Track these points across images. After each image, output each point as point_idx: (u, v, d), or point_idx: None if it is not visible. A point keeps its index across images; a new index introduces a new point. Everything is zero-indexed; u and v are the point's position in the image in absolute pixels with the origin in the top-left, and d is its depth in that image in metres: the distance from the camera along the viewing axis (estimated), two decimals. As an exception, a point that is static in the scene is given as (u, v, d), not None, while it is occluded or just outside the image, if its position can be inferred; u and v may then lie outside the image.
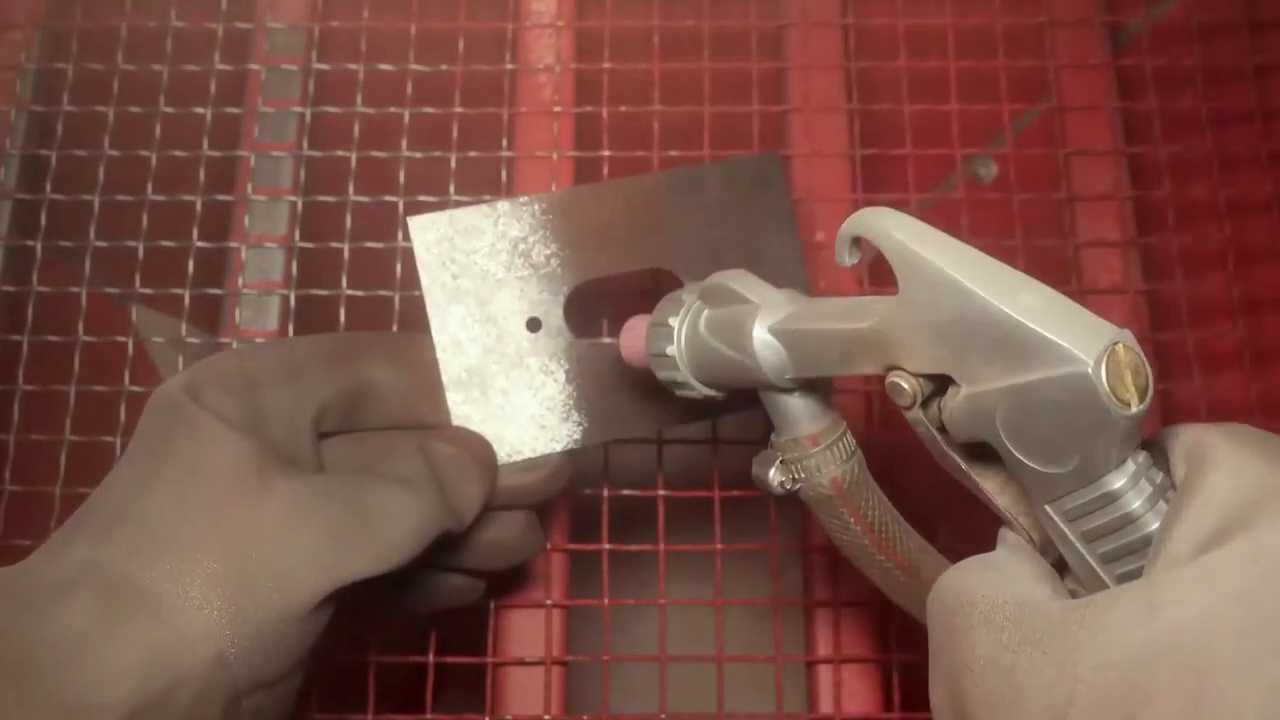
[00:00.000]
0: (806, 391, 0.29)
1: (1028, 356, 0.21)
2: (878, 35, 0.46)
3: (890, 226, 0.23)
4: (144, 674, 0.26)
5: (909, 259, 0.23)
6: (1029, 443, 0.22)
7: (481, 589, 0.37)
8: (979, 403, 0.22)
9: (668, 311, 0.31)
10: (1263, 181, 0.43)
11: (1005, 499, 0.25)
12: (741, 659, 0.39)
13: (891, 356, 0.24)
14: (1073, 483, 0.22)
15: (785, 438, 0.29)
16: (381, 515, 0.29)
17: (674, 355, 0.30)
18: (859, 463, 0.29)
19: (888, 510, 0.29)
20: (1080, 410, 0.21)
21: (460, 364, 0.35)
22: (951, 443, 0.25)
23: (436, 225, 0.36)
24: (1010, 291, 0.22)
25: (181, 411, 0.29)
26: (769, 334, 0.28)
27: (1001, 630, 0.22)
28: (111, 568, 0.27)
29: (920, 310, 0.23)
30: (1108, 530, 0.22)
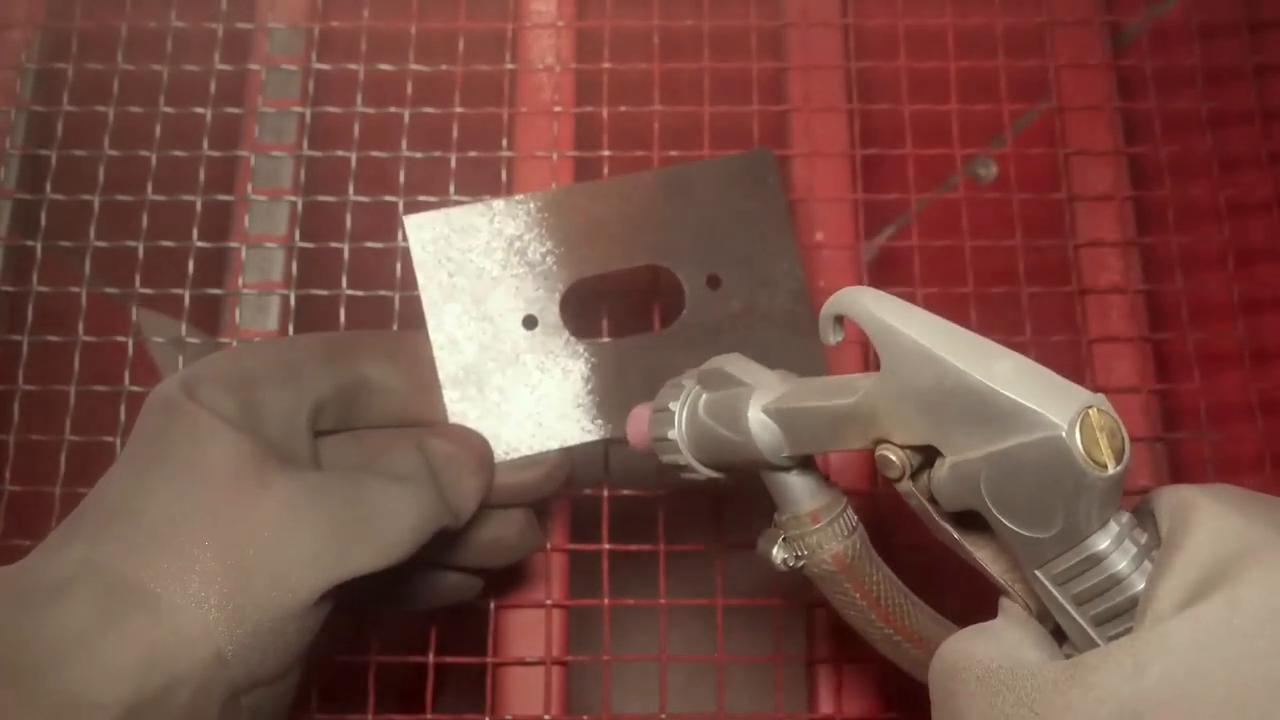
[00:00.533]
0: (804, 469, 0.29)
1: (1005, 423, 0.22)
2: (878, 35, 0.46)
3: (869, 305, 0.24)
4: (142, 672, 0.26)
5: (888, 335, 0.24)
6: (1013, 508, 0.23)
7: (479, 587, 0.37)
8: (963, 471, 0.23)
9: (668, 397, 0.31)
10: (1263, 181, 0.43)
11: (999, 567, 0.26)
12: (741, 659, 0.39)
13: (879, 430, 0.25)
14: (1058, 546, 0.23)
15: (787, 515, 0.30)
16: (379, 512, 0.29)
17: (675, 439, 0.31)
18: (861, 538, 0.30)
19: (892, 583, 0.30)
20: (1058, 473, 0.21)
21: (457, 362, 0.35)
22: (943, 513, 0.25)
23: (433, 224, 0.36)
24: (984, 361, 0.22)
25: (179, 409, 0.29)
26: (763, 414, 0.28)
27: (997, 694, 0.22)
28: (109, 566, 0.27)
29: (902, 383, 0.24)
30: (1096, 592, 0.23)
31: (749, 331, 0.37)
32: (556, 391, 0.36)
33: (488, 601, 0.40)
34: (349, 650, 0.39)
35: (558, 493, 0.41)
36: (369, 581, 0.29)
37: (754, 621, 0.41)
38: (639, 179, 0.37)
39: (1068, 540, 0.22)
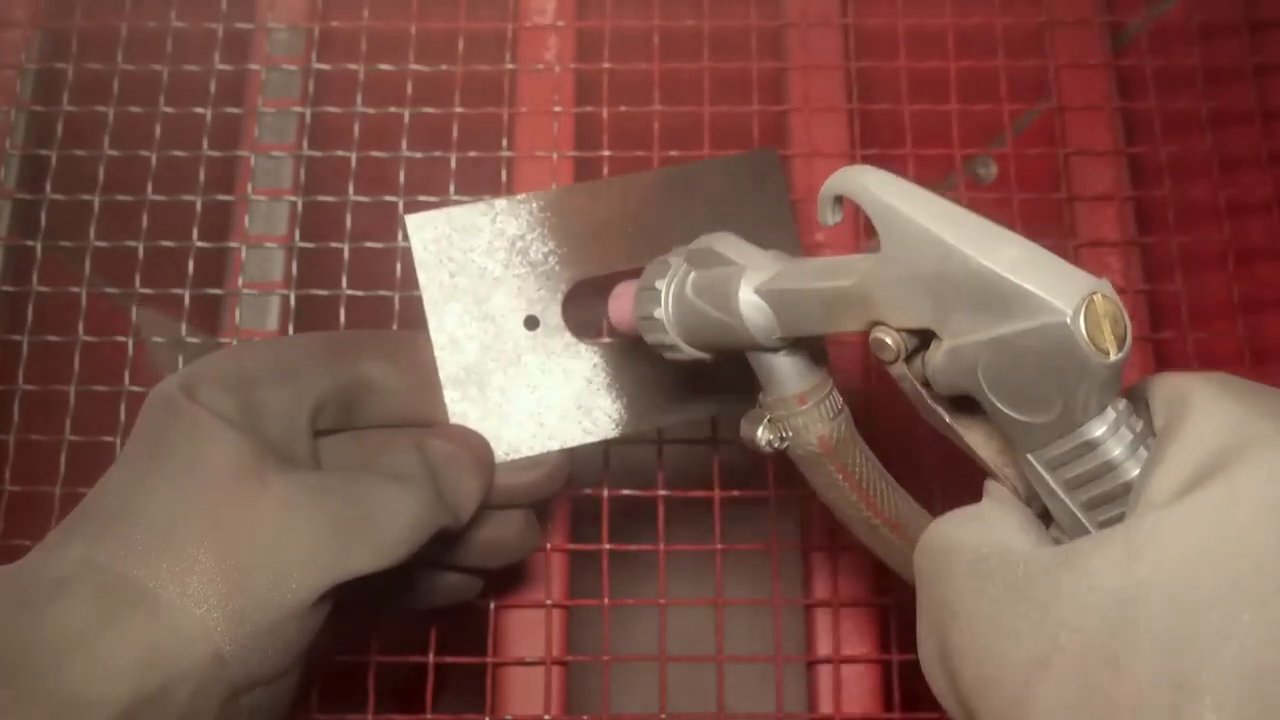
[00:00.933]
0: (793, 351, 0.29)
1: (1007, 308, 0.21)
2: (878, 35, 0.46)
3: (871, 183, 0.24)
4: (141, 671, 0.26)
5: (890, 215, 0.23)
6: (1010, 393, 0.22)
7: (479, 587, 0.37)
8: (961, 356, 0.23)
9: (654, 275, 0.31)
10: (1263, 181, 0.43)
11: (989, 451, 0.25)
12: (741, 659, 0.39)
13: (875, 313, 0.24)
14: (1054, 432, 0.22)
15: (773, 396, 0.29)
16: (379, 512, 0.29)
17: (661, 318, 0.30)
18: (846, 420, 0.29)
19: (875, 468, 0.30)
20: (1060, 359, 0.21)
21: (458, 362, 0.35)
22: (936, 397, 0.25)
23: (434, 223, 0.36)
24: (990, 245, 0.22)
25: (178, 409, 0.29)
26: (755, 295, 0.28)
27: (986, 578, 0.22)
28: (109, 566, 0.27)
29: (902, 265, 0.23)
30: (1089, 478, 0.22)
31: None
32: (558, 392, 0.36)
33: (488, 601, 0.40)
34: (349, 650, 0.39)
35: (558, 493, 0.41)
36: (369, 581, 0.29)
37: (754, 619, 0.41)
38: (642, 178, 0.37)
39: (1064, 426, 0.22)
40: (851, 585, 0.41)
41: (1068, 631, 0.20)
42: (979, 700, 0.22)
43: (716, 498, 0.41)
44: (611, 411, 0.36)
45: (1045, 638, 0.21)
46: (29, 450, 0.41)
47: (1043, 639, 0.21)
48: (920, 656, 0.25)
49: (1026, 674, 0.21)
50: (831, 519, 0.41)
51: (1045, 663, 0.21)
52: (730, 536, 0.41)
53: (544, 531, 0.40)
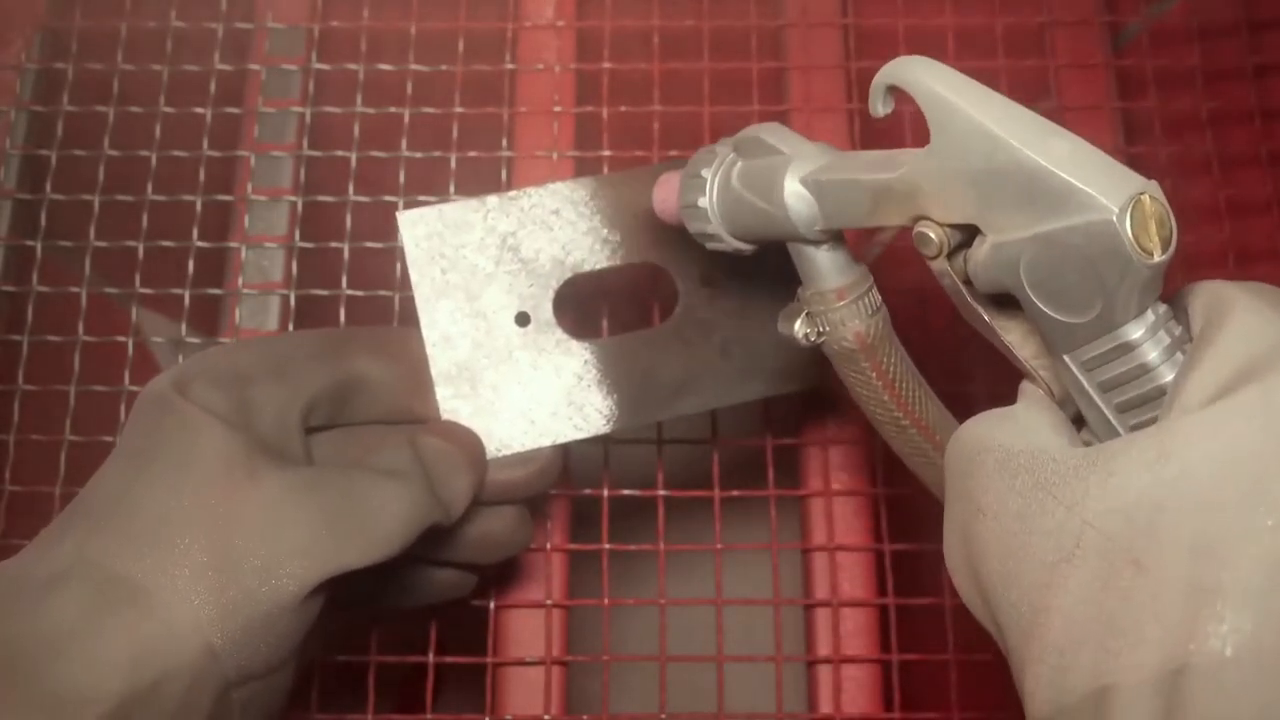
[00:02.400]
0: (834, 245, 0.29)
1: (1054, 204, 0.21)
2: (878, 35, 0.46)
3: (924, 74, 0.24)
4: (133, 666, 0.26)
5: (942, 106, 0.23)
6: (1051, 291, 0.22)
7: (474, 583, 0.37)
8: (1004, 252, 0.23)
9: (701, 163, 0.31)
10: (1263, 181, 0.43)
11: (1027, 351, 0.25)
12: (742, 659, 0.39)
13: (920, 206, 0.24)
14: (1092, 332, 0.22)
15: (811, 291, 0.29)
16: (370, 507, 0.29)
17: (705, 207, 0.30)
18: (884, 318, 0.29)
19: (909, 369, 0.30)
20: (1103, 258, 0.21)
21: (449, 359, 0.35)
22: (976, 294, 0.25)
23: (425, 220, 0.36)
24: (1041, 139, 0.22)
25: (170, 406, 0.29)
26: (800, 185, 0.28)
27: (1015, 476, 0.23)
28: (101, 561, 0.27)
29: (950, 158, 0.23)
30: (1123, 380, 0.22)
31: (743, 330, 0.37)
32: (549, 388, 0.36)
33: (488, 601, 0.40)
34: (349, 650, 0.39)
35: (558, 493, 0.41)
36: (362, 577, 0.29)
37: (754, 619, 0.41)
38: (635, 175, 0.37)
39: (1102, 326, 0.22)
40: (851, 585, 0.41)
41: (1093, 530, 0.21)
42: (1000, 593, 0.23)
43: (716, 498, 0.41)
44: (603, 407, 0.36)
45: (1070, 535, 0.21)
46: (29, 450, 0.41)
47: (1067, 536, 0.21)
48: (945, 551, 0.25)
49: (1049, 569, 0.21)
50: (832, 512, 0.41)
51: (1068, 559, 0.21)
52: (730, 536, 0.41)
53: (544, 531, 0.40)
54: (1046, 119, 0.23)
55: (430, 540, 0.33)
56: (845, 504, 0.41)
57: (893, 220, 0.25)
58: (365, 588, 0.34)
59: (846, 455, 0.42)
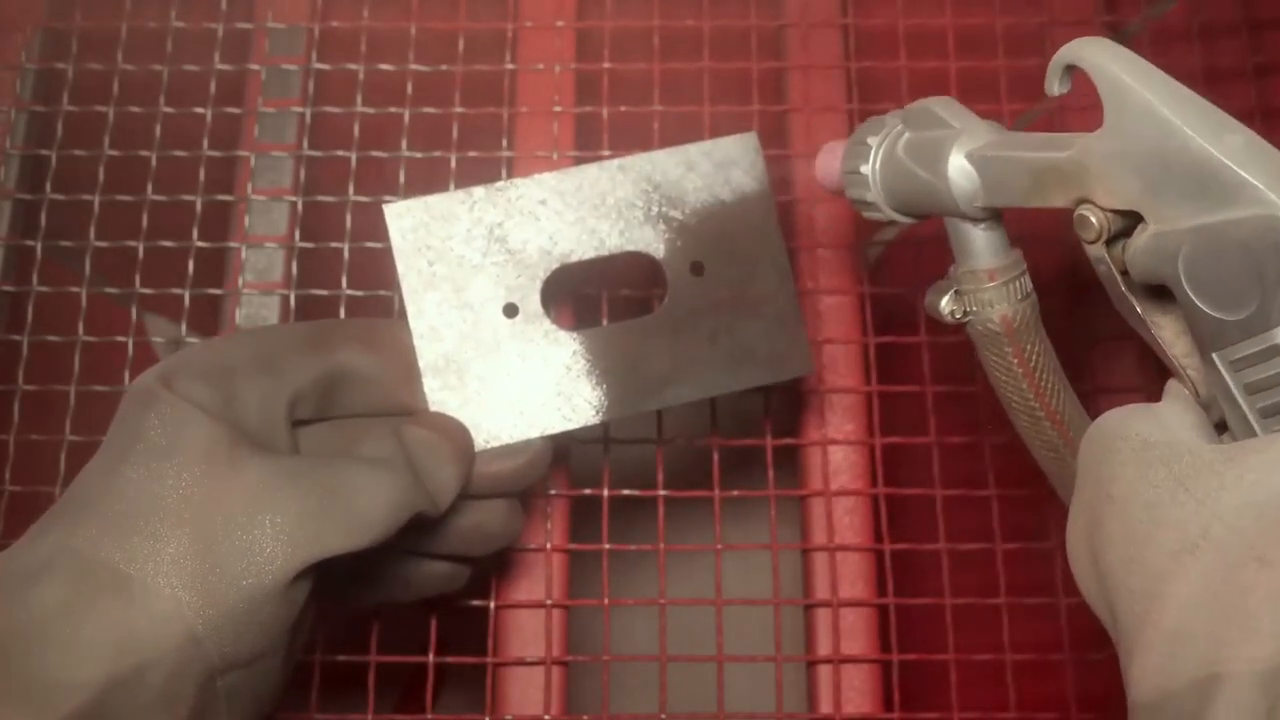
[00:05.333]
0: (993, 224, 0.29)
1: (1222, 196, 0.22)
2: (878, 35, 0.46)
3: (1103, 55, 0.24)
4: (114, 653, 0.26)
5: (1118, 89, 0.23)
6: (1207, 286, 0.22)
7: (466, 576, 0.37)
8: (1164, 241, 0.23)
9: (868, 131, 0.31)
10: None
11: (1177, 349, 0.25)
12: (742, 659, 0.39)
13: (1084, 189, 0.24)
14: (1244, 331, 0.22)
15: (964, 269, 0.29)
16: (354, 493, 0.29)
17: (867, 174, 0.30)
18: (1032, 305, 0.29)
19: (1052, 360, 0.29)
20: (1264, 255, 0.21)
21: (437, 350, 0.35)
22: (1131, 285, 0.25)
23: (412, 212, 0.36)
24: (1215, 131, 0.22)
25: (154, 398, 0.29)
26: (965, 160, 0.28)
27: (1149, 466, 0.23)
28: (83, 550, 0.27)
29: (1122, 141, 0.23)
30: (1271, 383, 0.22)
31: (733, 318, 0.37)
32: (537, 379, 0.36)
33: (488, 601, 0.40)
34: (349, 650, 0.39)
35: (558, 493, 0.41)
36: (350, 565, 0.29)
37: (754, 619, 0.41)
38: (622, 164, 0.37)
39: (1255, 326, 0.22)
40: (851, 585, 0.41)
41: (1220, 524, 0.21)
42: (1119, 579, 0.23)
43: (716, 498, 0.41)
44: (592, 398, 0.36)
45: (1197, 527, 0.21)
46: (29, 450, 0.41)
47: (1194, 528, 0.21)
48: (1067, 535, 0.25)
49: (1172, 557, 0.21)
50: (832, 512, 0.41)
51: (1192, 549, 0.21)
52: (730, 536, 0.41)
53: (544, 531, 0.40)
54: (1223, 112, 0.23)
55: (421, 533, 0.33)
56: (845, 504, 0.41)
57: (1055, 201, 0.25)
58: (357, 579, 0.34)
59: (846, 455, 0.42)
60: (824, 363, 0.43)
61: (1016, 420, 0.30)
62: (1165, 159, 0.22)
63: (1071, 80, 0.25)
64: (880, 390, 0.42)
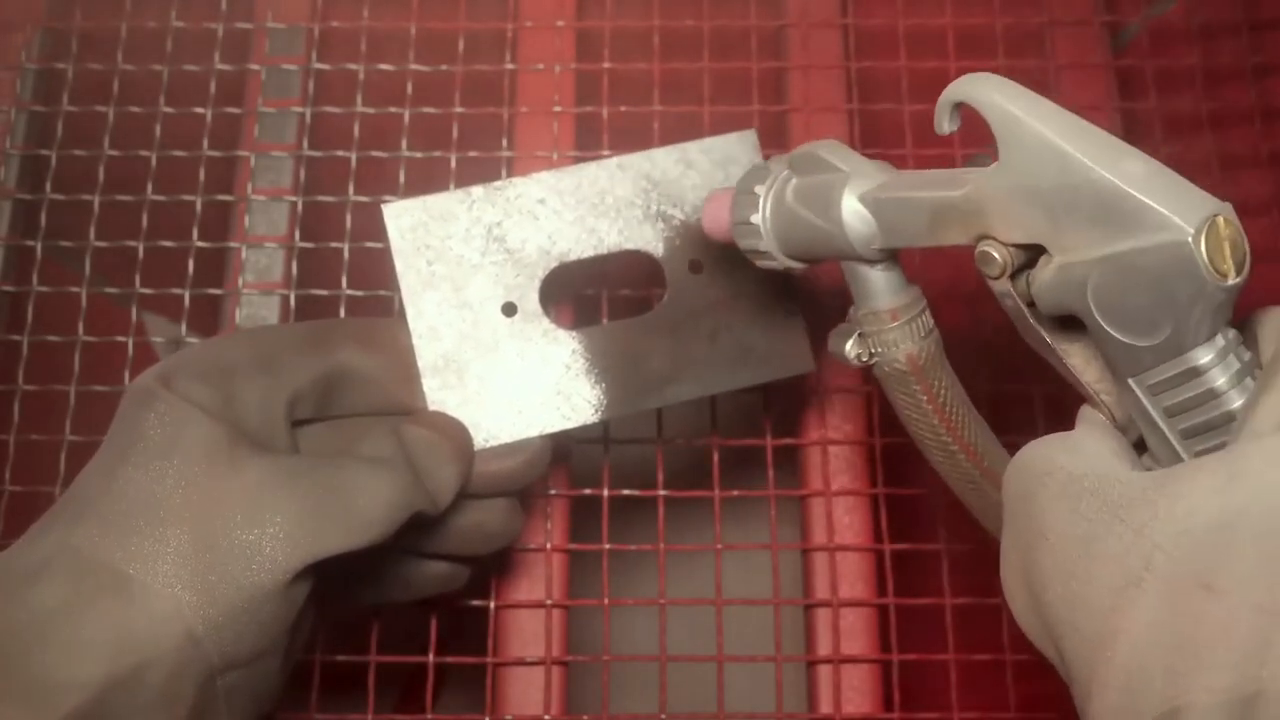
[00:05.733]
0: (890, 265, 0.29)
1: (1127, 224, 0.21)
2: (878, 35, 0.46)
3: (993, 90, 0.23)
4: (114, 652, 0.26)
5: (1011, 123, 0.23)
6: (1119, 314, 0.22)
7: (467, 576, 0.37)
8: (1071, 273, 0.23)
9: (754, 180, 0.31)
10: (1263, 181, 0.43)
11: (1089, 375, 0.25)
12: (742, 659, 0.39)
13: (984, 225, 0.24)
14: (1159, 356, 0.22)
15: (865, 311, 0.29)
16: (353, 492, 0.29)
17: (758, 224, 0.30)
18: (935, 342, 0.29)
19: (960, 394, 0.29)
20: (1176, 280, 0.21)
21: (436, 350, 0.35)
22: (1038, 316, 0.25)
23: (411, 211, 0.36)
24: (1114, 159, 0.22)
25: (154, 399, 0.29)
26: (858, 203, 0.28)
27: (1079, 499, 0.22)
28: (83, 549, 0.27)
29: (1019, 176, 0.23)
30: (1190, 405, 0.22)
31: (732, 317, 0.37)
32: (536, 379, 0.36)
33: (488, 601, 0.40)
34: (349, 650, 0.39)
35: (558, 493, 0.41)
36: (349, 565, 0.29)
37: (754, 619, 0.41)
38: (621, 163, 0.37)
39: (1170, 350, 0.22)
40: (851, 585, 0.41)
41: (1162, 553, 0.20)
42: (1064, 619, 0.22)
43: (716, 498, 0.41)
44: (591, 397, 0.36)
45: (1138, 559, 0.21)
46: (29, 450, 0.41)
47: (1135, 560, 0.21)
48: (1002, 575, 0.25)
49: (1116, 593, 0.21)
50: (832, 512, 0.41)
51: (1137, 583, 0.21)
52: (730, 536, 0.41)
53: (544, 531, 0.40)
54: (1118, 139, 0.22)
55: (421, 532, 0.33)
56: (845, 504, 0.41)
57: (954, 239, 0.25)
58: (359, 580, 0.34)
59: (846, 455, 0.42)
60: (824, 363, 0.43)
61: (931, 457, 0.30)
62: (1066, 190, 0.22)
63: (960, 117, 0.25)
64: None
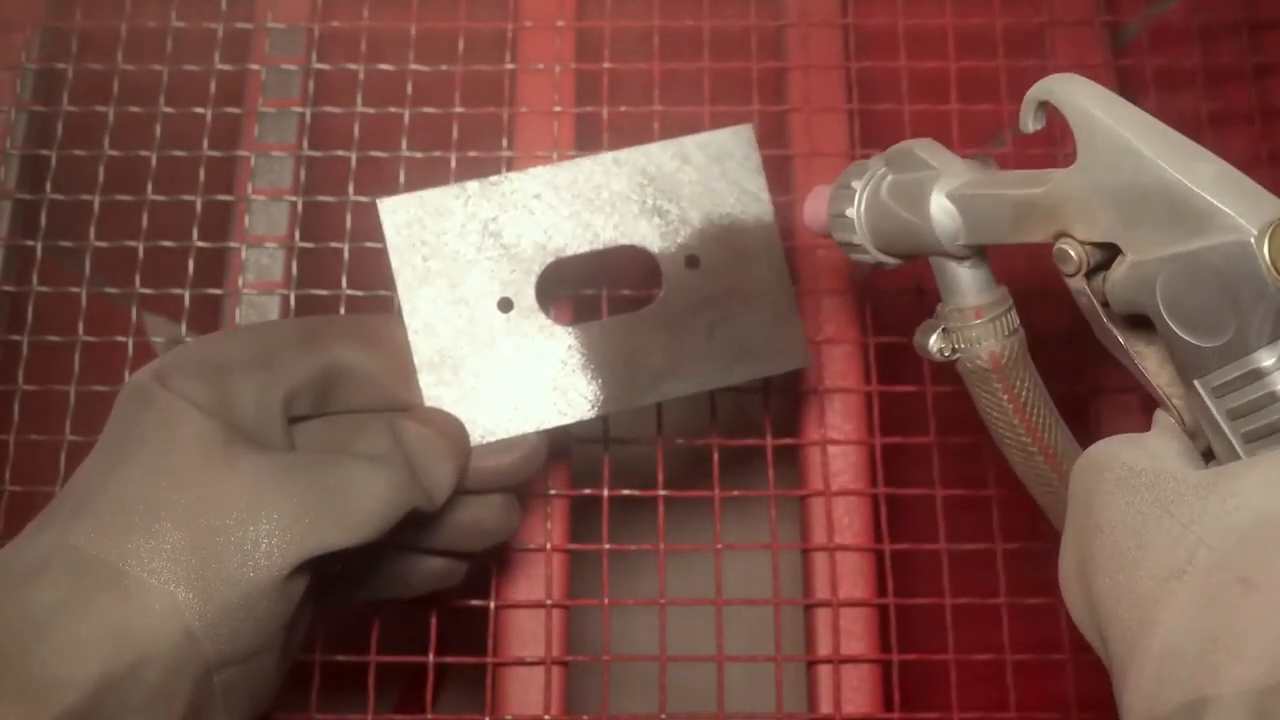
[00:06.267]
0: (976, 262, 0.29)
1: (1195, 224, 0.22)
2: (878, 35, 0.46)
3: (1075, 91, 0.24)
4: (110, 649, 0.26)
5: (1090, 124, 0.24)
6: (1185, 313, 0.23)
7: (464, 572, 0.37)
8: (1142, 271, 0.23)
9: (852, 175, 0.31)
10: (1263, 181, 0.43)
11: (1161, 379, 0.26)
12: (742, 659, 0.39)
13: (1062, 223, 0.25)
14: (1223, 357, 0.23)
15: (950, 306, 0.30)
16: (349, 488, 0.29)
17: (853, 217, 0.31)
18: (1020, 341, 0.30)
19: (1042, 394, 0.30)
20: (1239, 280, 0.21)
21: (432, 346, 0.35)
22: (1112, 316, 0.25)
23: (406, 207, 0.36)
24: (1186, 160, 0.22)
25: (149, 396, 0.29)
26: (946, 199, 0.28)
27: (1135, 493, 0.23)
28: (80, 548, 0.27)
29: (1097, 175, 0.24)
30: (1253, 408, 0.23)
31: (728, 312, 0.37)
32: (533, 374, 0.36)
33: (488, 601, 0.40)
34: (349, 650, 0.39)
35: (558, 493, 0.41)
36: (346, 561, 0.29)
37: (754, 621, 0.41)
38: (617, 157, 0.37)
39: (1234, 352, 0.22)
40: (851, 585, 0.41)
41: (1206, 548, 0.21)
42: (1109, 606, 0.23)
43: (716, 498, 0.41)
44: (587, 392, 0.36)
45: (1183, 551, 0.21)
46: (29, 450, 0.41)
47: (1180, 552, 0.21)
48: (1059, 565, 0.25)
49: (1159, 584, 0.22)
50: (832, 512, 0.41)
51: (1179, 574, 0.21)
52: (730, 536, 0.41)
53: (544, 531, 0.40)
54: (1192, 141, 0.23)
55: (418, 528, 0.33)
56: (845, 504, 0.41)
57: (1034, 237, 0.26)
58: (356, 577, 0.34)
59: (846, 455, 0.42)
60: (824, 362, 0.43)
61: (1010, 455, 0.30)
62: (1140, 190, 0.23)
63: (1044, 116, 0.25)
64: (880, 390, 0.42)
